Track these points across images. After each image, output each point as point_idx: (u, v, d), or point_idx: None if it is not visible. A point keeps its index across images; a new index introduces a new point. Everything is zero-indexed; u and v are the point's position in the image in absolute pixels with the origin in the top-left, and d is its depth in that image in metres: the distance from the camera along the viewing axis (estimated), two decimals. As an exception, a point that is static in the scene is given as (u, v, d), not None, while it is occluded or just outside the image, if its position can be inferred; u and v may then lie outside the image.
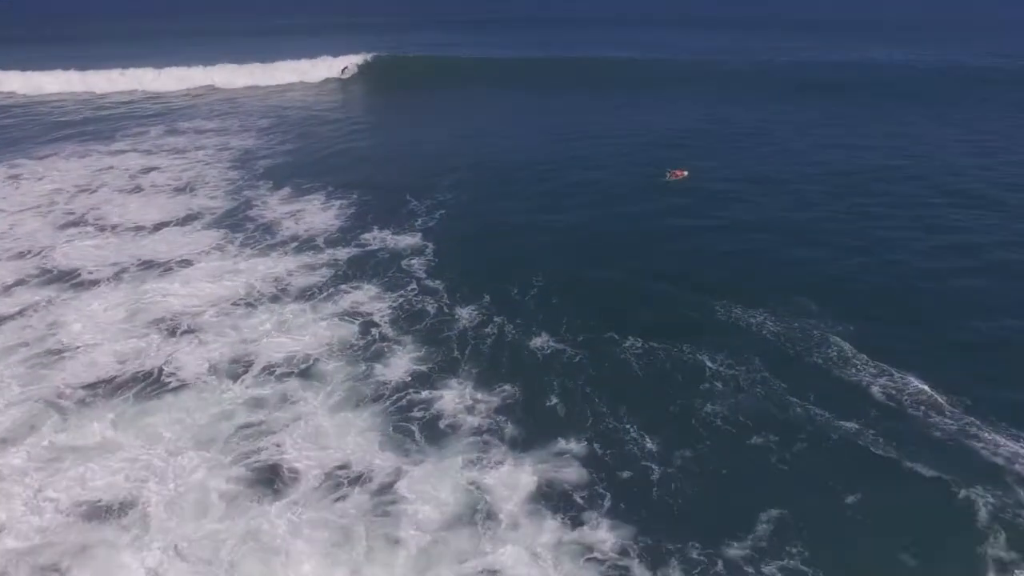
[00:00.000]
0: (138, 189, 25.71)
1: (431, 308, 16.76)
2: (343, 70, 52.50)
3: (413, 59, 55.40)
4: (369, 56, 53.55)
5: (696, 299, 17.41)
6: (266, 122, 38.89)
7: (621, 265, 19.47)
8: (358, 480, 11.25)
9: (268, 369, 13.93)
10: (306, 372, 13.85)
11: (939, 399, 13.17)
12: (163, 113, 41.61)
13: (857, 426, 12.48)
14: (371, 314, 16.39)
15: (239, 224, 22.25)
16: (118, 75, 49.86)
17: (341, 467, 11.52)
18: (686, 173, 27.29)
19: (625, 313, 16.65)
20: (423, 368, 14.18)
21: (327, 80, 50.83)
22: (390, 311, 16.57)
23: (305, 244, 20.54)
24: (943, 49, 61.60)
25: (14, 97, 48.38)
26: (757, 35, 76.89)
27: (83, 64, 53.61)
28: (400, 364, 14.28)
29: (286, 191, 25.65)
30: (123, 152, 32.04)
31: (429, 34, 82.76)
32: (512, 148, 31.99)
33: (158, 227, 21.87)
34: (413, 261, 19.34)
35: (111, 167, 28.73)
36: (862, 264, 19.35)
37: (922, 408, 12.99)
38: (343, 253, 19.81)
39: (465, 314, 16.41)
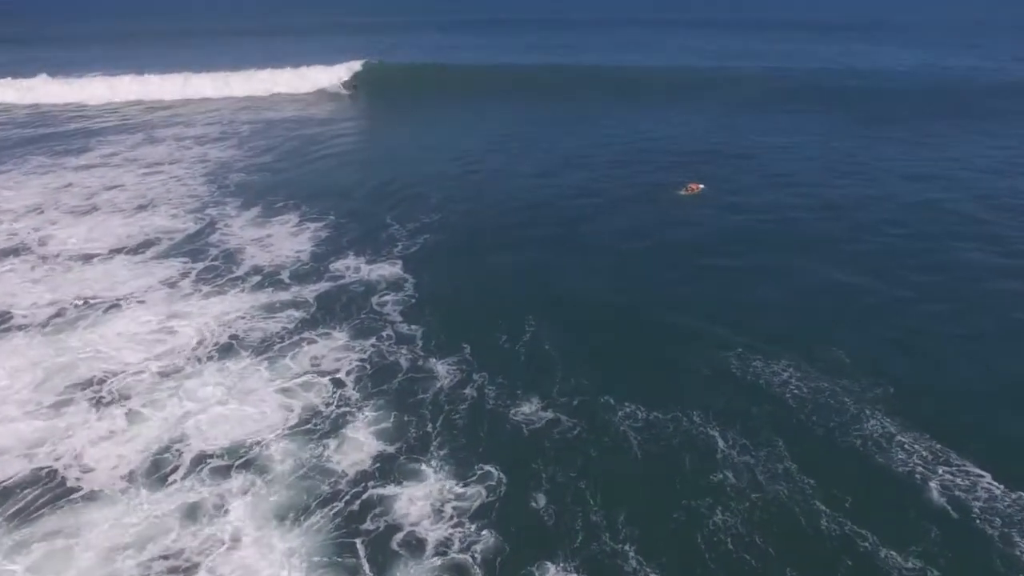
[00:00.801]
0: (93, 209, 23.41)
1: (404, 361, 14.38)
2: (349, 82, 48.67)
3: (408, 67, 51.99)
4: (363, 63, 50.37)
5: (709, 343, 15.02)
6: (248, 131, 36.66)
7: (624, 301, 17.08)
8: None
9: (202, 461, 11.44)
10: (248, 463, 11.40)
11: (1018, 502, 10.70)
12: (142, 124, 39.25)
13: (914, 560, 9.63)
14: (335, 371, 14.01)
15: (199, 252, 19.92)
16: (100, 82, 47.50)
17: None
18: (702, 187, 25.00)
19: (627, 365, 14.27)
20: (387, 448, 11.80)
21: (320, 90, 47.47)
22: (357, 366, 14.19)
23: (269, 278, 18.19)
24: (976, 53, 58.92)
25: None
26: (776, 38, 73.80)
27: (60, 69, 51.58)
28: (361, 444, 11.91)
29: (257, 211, 23.31)
30: (91, 166, 29.74)
31: (426, 37, 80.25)
32: (507, 163, 29.49)
33: (106, 256, 19.55)
34: (389, 298, 16.95)
35: (70, 184, 26.44)
36: (903, 306, 16.82)
37: (1000, 520, 10.40)
38: (310, 290, 17.43)
39: (443, 370, 14.03)
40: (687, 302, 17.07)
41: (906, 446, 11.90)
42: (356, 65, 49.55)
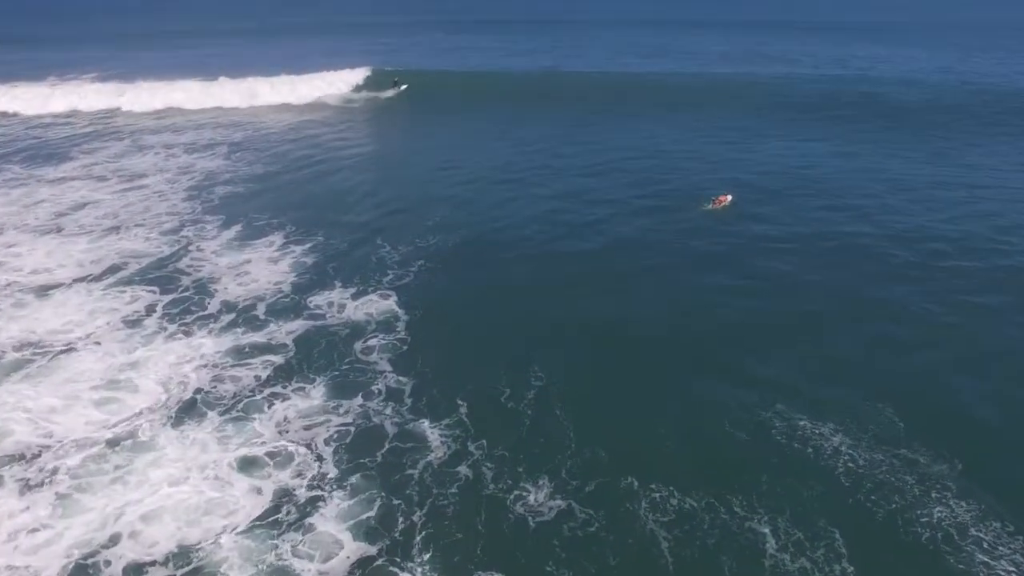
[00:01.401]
0: (58, 230, 21.42)
1: (390, 425, 12.32)
2: (394, 84, 44.54)
3: (414, 74, 47.24)
4: (369, 71, 46.56)
5: (744, 397, 12.94)
6: (240, 141, 34.62)
7: (646, 343, 14.99)
8: None
9: (139, 574, 9.43)
10: (196, 573, 9.40)
11: None
12: (129, 133, 37.21)
13: None
14: (310, 440, 11.96)
15: (168, 281, 17.91)
16: (89, 87, 45.26)
17: None
18: (730, 198, 22.93)
19: (652, 430, 12.17)
20: (367, 549, 9.72)
21: (319, 99, 43.41)
22: (336, 432, 12.13)
23: (243, 314, 16.15)
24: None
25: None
26: (806, 41, 70.89)
27: (49, 71, 49.78)
28: (335, 542, 9.83)
29: (238, 230, 21.28)
30: (70, 179, 27.79)
31: (430, 40, 77.75)
32: (514, 178, 27.13)
33: (64, 285, 17.56)
34: (376, 342, 14.87)
35: (42, 201, 24.46)
36: (964, 358, 14.60)
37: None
38: (287, 331, 15.36)
39: (435, 438, 11.96)
40: (718, 343, 14.99)
41: (985, 544, 9.80)
42: (361, 74, 45.88)
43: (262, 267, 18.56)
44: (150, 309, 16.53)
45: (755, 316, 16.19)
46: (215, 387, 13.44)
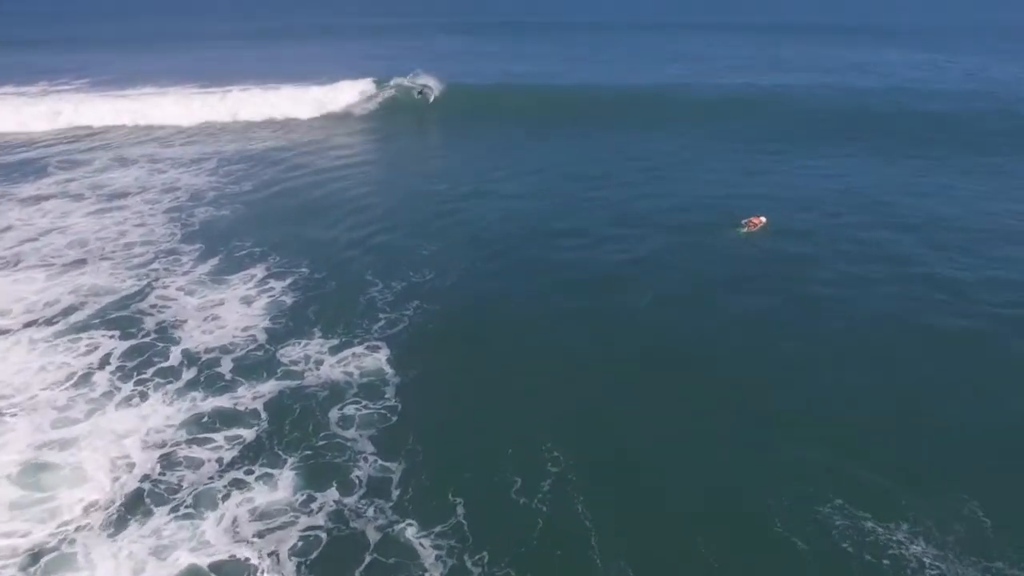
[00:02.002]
0: (15, 262, 19.23)
1: (371, 532, 9.93)
2: (421, 92, 41.17)
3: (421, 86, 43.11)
4: (372, 82, 42.22)
5: (798, 487, 10.55)
6: (232, 150, 32.57)
7: (676, 409, 12.59)
8: None
9: None
10: None
11: None
12: (119, 144, 35.16)
13: None
14: (272, 550, 9.62)
15: (125, 326, 15.63)
16: (77, 95, 43.14)
17: None
18: (763, 220, 20.71)
19: (690, 539, 9.75)
20: None
21: (322, 111, 39.81)
22: (302, 542, 9.73)
23: (205, 370, 13.85)
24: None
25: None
26: (835, 45, 67.76)
27: (40, 76, 48.05)
28: None
29: (215, 263, 19.02)
30: (45, 197, 25.64)
31: (437, 45, 75.13)
32: (525, 203, 24.26)
33: (7, 333, 15.22)
34: (358, 412, 12.51)
35: (8, 228, 22.26)
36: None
37: None
38: (255, 394, 13.04)
39: (426, 550, 9.56)
40: (762, 407, 12.58)
41: None
42: (364, 86, 41.79)
43: (235, 309, 16.25)
44: (103, 362, 14.25)
45: (798, 364, 13.77)
46: (165, 473, 11.14)
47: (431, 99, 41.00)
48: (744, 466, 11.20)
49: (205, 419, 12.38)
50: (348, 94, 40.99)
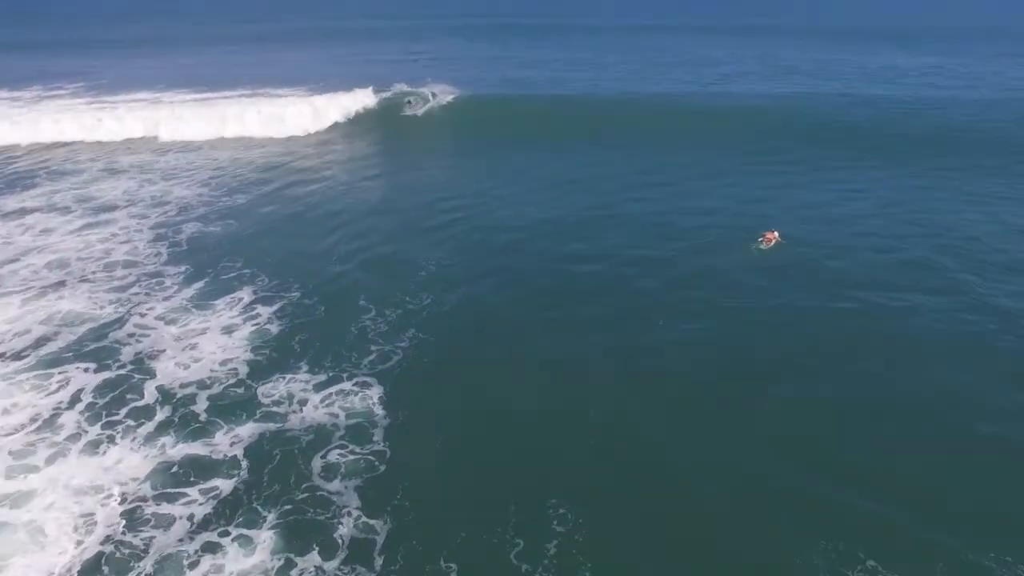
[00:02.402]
0: (-11, 287, 18.33)
1: (352, 606, 8.92)
2: (409, 101, 39.25)
3: (443, 99, 39.92)
4: (372, 92, 39.81)
5: (839, 556, 9.38)
6: (227, 160, 31.60)
7: (697, 460, 11.45)
8: None
9: None
10: None
11: None
12: (110, 152, 34.27)
13: None
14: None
15: (103, 357, 14.58)
16: (72, 100, 42.39)
17: None
18: (777, 236, 19.68)
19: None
20: None
21: (335, 124, 37.79)
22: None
23: (178, 409, 12.79)
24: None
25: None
26: (855, 51, 65.61)
27: (34, 81, 47.25)
28: None
29: (200, 286, 17.97)
30: (30, 211, 24.69)
31: (440, 50, 73.86)
32: (531, 222, 22.54)
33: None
34: (344, 460, 11.40)
35: (-13, 244, 21.39)
36: None
37: None
38: (232, 438, 11.96)
39: (412, 634, 8.54)
40: (798, 459, 11.43)
41: None
42: (366, 97, 39.52)
43: (217, 337, 15.17)
44: (74, 400, 13.24)
45: (832, 403, 12.63)
46: (128, 534, 10.08)
47: (420, 111, 39.11)
48: (781, 513, 10.09)
49: (177, 468, 11.33)
50: (349, 102, 39.68)
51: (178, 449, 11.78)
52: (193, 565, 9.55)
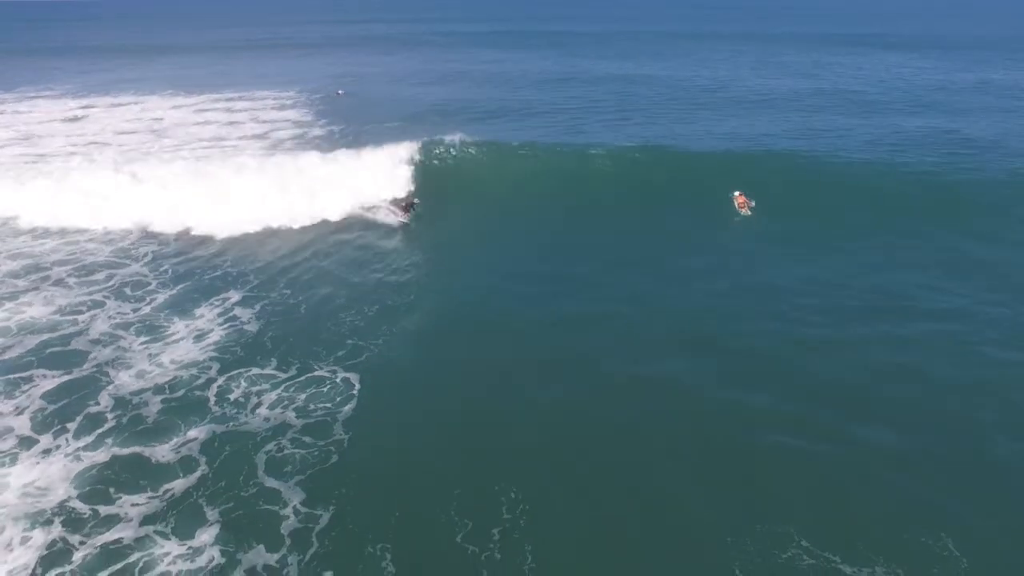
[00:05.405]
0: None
1: (287, 601, 8.28)
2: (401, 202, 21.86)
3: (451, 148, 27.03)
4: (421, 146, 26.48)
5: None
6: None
7: (647, 448, 10.78)
8: None
9: None
10: None
11: None
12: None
13: None
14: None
15: (63, 364, 14.12)
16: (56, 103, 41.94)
17: None
18: (753, 204, 20.79)
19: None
20: None
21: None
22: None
23: (133, 411, 12.20)
24: None
25: None
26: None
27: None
28: None
29: (178, 291, 17.55)
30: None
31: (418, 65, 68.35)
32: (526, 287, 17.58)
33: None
34: (299, 452, 10.82)
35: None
36: None
37: None
38: (184, 440, 11.34)
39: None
40: (740, 447, 10.74)
41: None
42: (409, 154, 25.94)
43: (185, 347, 14.73)
44: (23, 405, 12.75)
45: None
46: (74, 535, 9.55)
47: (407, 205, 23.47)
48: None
49: (112, 473, 10.80)
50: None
51: (127, 450, 11.24)
52: (138, 564, 9.02)
